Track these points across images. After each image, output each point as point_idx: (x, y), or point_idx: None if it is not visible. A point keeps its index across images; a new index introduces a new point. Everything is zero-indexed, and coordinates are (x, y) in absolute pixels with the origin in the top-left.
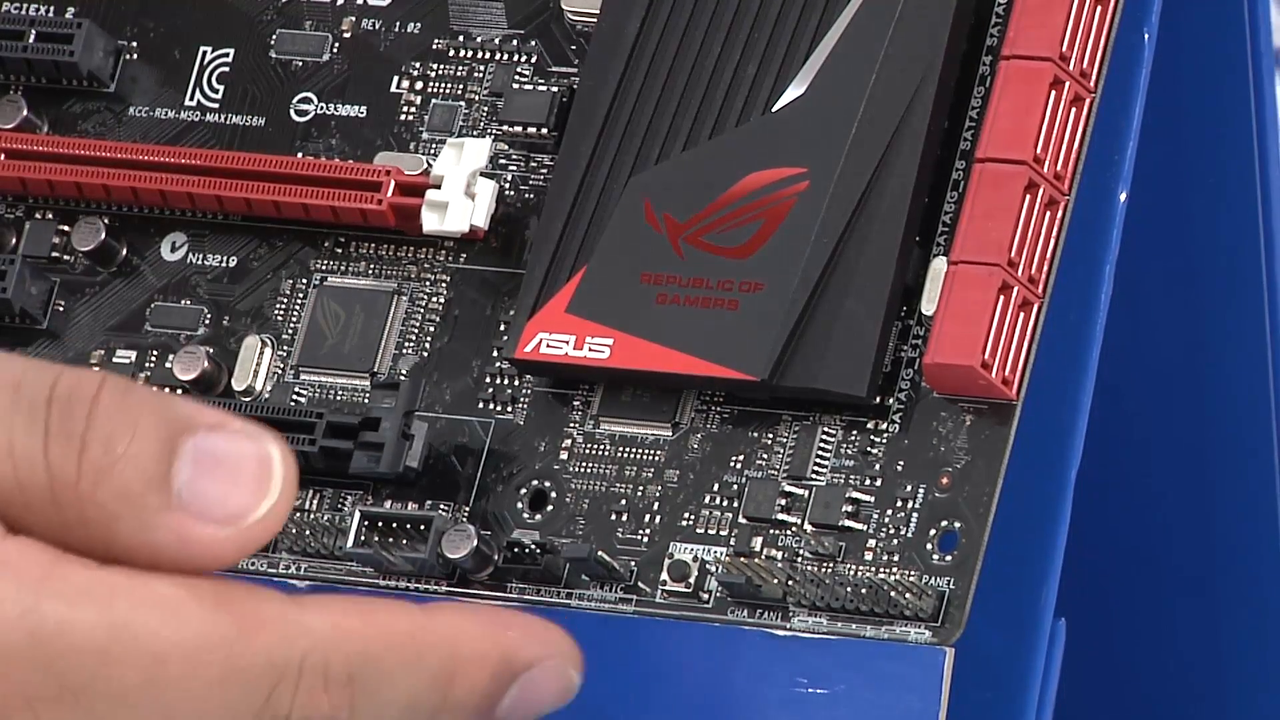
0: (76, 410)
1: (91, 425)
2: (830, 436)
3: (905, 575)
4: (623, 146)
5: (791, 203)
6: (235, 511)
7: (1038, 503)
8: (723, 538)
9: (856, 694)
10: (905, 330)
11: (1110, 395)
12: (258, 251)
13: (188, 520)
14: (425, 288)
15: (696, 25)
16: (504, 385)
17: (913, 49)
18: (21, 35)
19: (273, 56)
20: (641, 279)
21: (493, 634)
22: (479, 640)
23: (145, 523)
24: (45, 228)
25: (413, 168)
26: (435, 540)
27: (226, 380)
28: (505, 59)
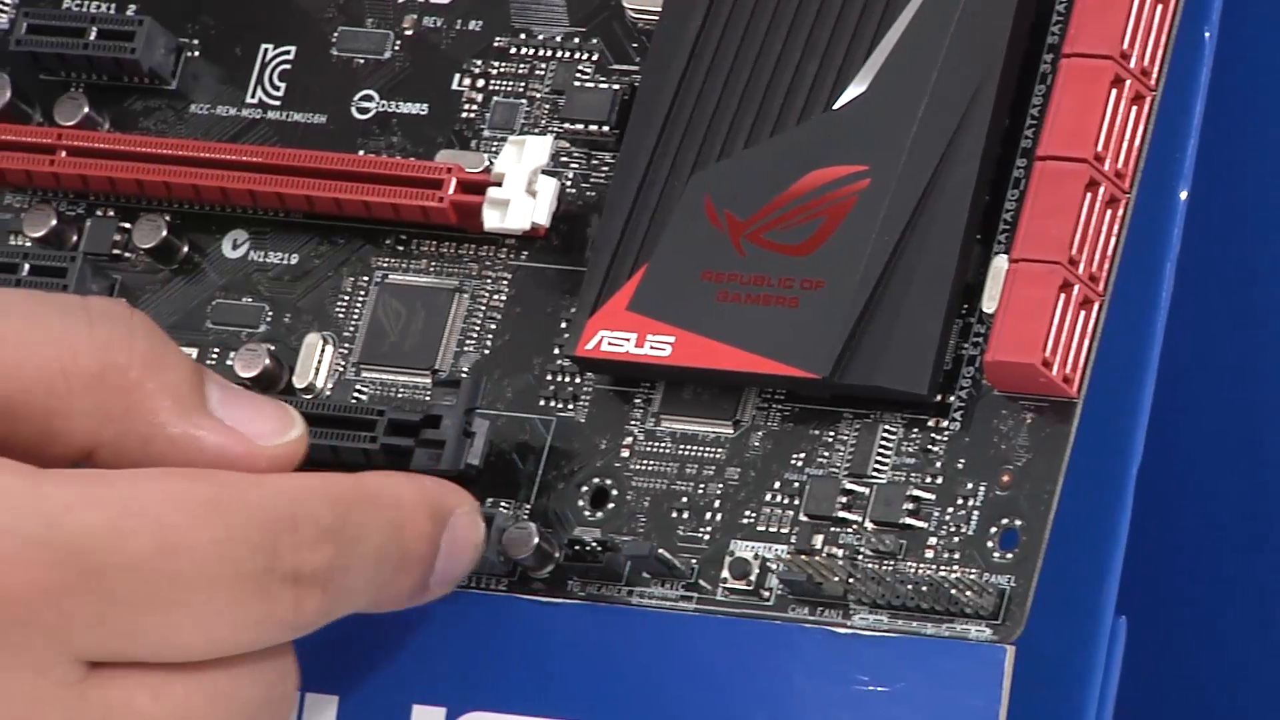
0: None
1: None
2: (891, 434)
3: (966, 573)
4: (684, 144)
5: (853, 200)
6: (264, 431)
7: (1098, 500)
8: (784, 535)
9: (917, 692)
10: (966, 328)
11: (1171, 393)
12: (319, 249)
13: (225, 427)
14: (486, 285)
15: (758, 22)
16: (565, 383)
17: (974, 47)
18: (83, 33)
19: (334, 54)
20: (702, 277)
21: (419, 485)
22: (413, 491)
23: (191, 420)
24: (106, 225)
25: (474, 165)
26: (497, 538)
27: (287, 378)
28: (567, 57)
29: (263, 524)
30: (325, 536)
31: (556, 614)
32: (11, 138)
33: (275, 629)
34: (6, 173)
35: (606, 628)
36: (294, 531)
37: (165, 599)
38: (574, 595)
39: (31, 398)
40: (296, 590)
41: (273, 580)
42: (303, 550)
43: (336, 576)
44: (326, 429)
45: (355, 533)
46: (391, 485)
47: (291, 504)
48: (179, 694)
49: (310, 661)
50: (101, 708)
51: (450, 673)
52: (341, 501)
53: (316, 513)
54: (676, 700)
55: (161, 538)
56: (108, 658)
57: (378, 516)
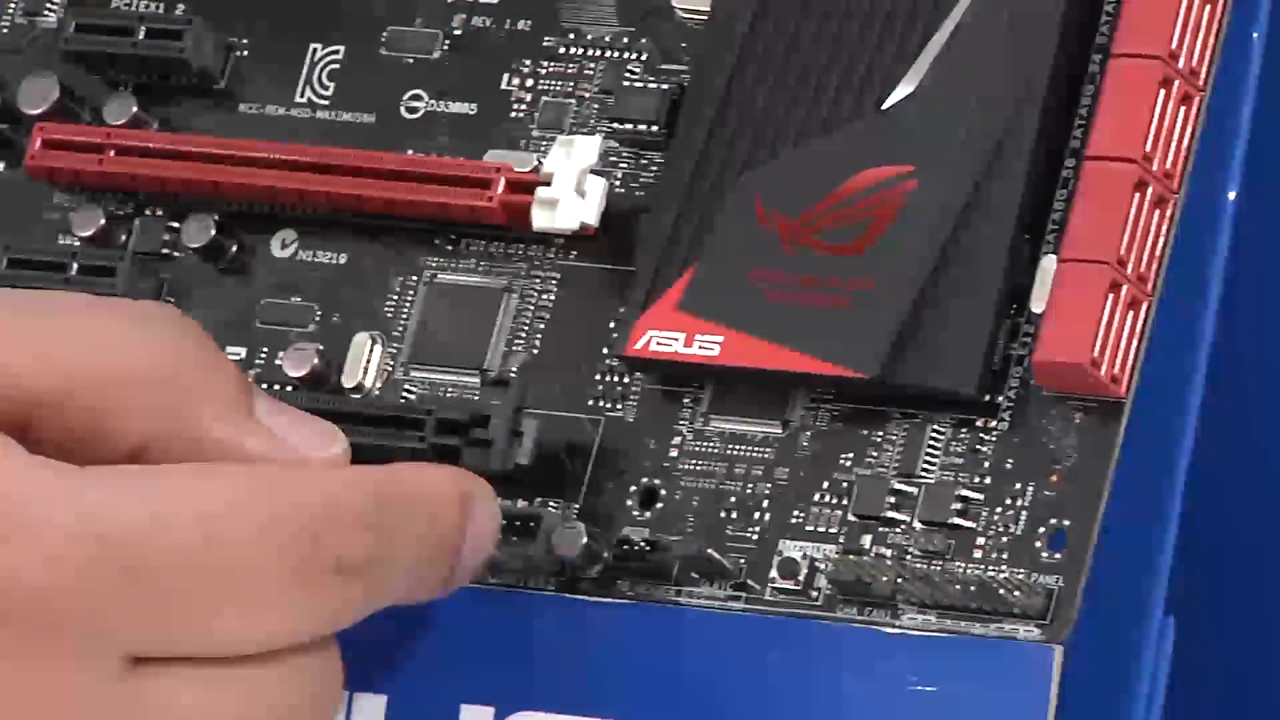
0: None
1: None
2: (940, 434)
3: (1014, 573)
4: (733, 144)
5: (901, 200)
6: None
7: (1147, 500)
8: (832, 535)
9: (965, 692)
10: (1015, 328)
11: (1219, 393)
12: (368, 248)
13: (272, 435)
14: (535, 285)
15: (807, 22)
16: (614, 382)
17: (1023, 47)
18: (132, 32)
19: (383, 53)
20: (751, 276)
21: (448, 473)
22: (443, 480)
23: (239, 426)
24: (155, 224)
25: (523, 165)
26: (545, 538)
27: (336, 377)
28: (616, 56)
29: (304, 514)
30: (365, 526)
31: (605, 614)
32: (60, 137)
33: (320, 620)
34: (55, 172)
35: (655, 627)
36: (335, 521)
37: (208, 590)
38: (622, 595)
39: (81, 396)
40: (340, 580)
41: (315, 570)
42: (344, 539)
43: (378, 566)
44: (375, 428)
45: (394, 522)
46: (423, 475)
47: (331, 494)
48: (222, 690)
49: (359, 661)
50: (144, 704)
51: (498, 672)
52: (379, 492)
53: (356, 503)
54: (724, 700)
55: (203, 529)
56: (151, 652)
57: (414, 506)
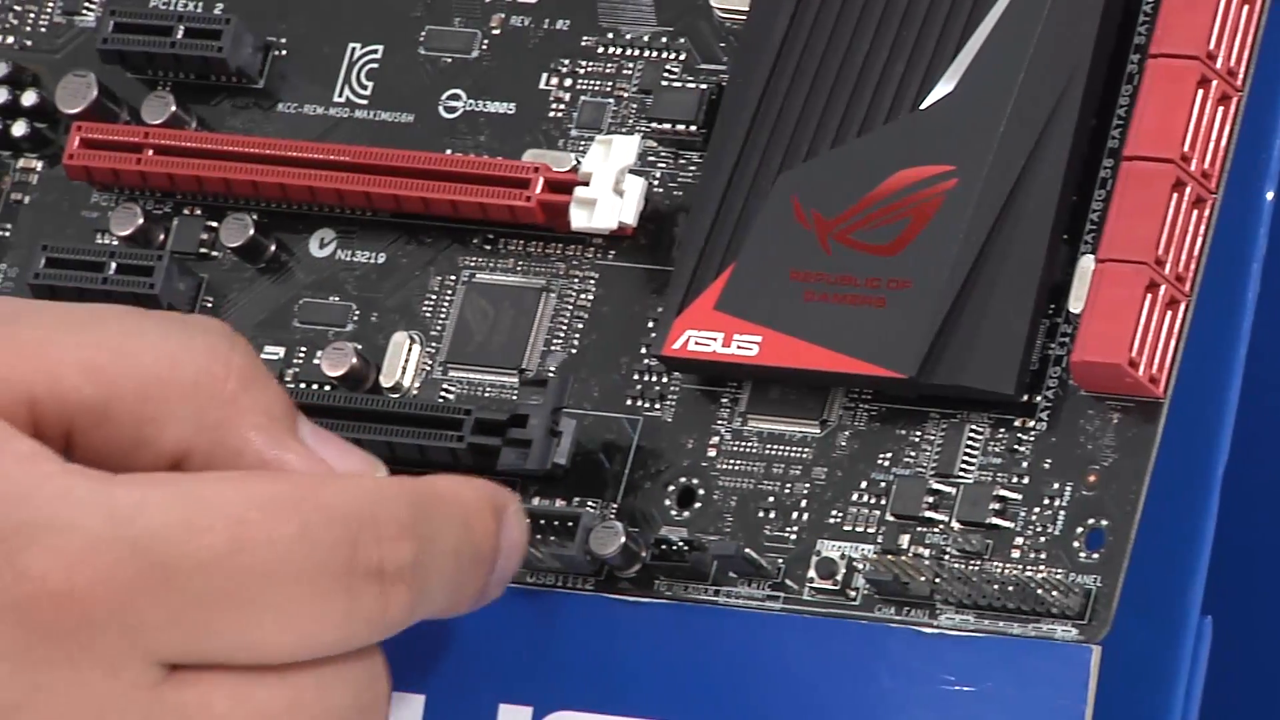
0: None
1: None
2: (978, 434)
3: (1052, 573)
4: (771, 144)
5: (940, 200)
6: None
7: (1185, 500)
8: (870, 535)
9: (1003, 692)
10: (1053, 328)
11: (1257, 393)
12: (406, 248)
13: (314, 454)
14: (574, 284)
15: (845, 22)
16: (652, 382)
17: (1061, 47)
18: (170, 31)
19: (422, 53)
20: (790, 276)
21: (475, 484)
22: (475, 491)
23: (281, 441)
24: (193, 224)
25: (561, 164)
26: (583, 537)
27: (374, 377)
28: (654, 56)
29: (342, 520)
30: (406, 533)
31: (643, 613)
32: (98, 136)
33: (361, 627)
34: (93, 171)
35: (693, 627)
36: (375, 527)
37: (241, 596)
38: (660, 595)
39: (128, 404)
40: (381, 587)
41: (355, 576)
42: (385, 546)
43: (419, 573)
44: (413, 428)
45: (433, 530)
46: (456, 485)
47: (370, 502)
48: (260, 698)
49: (397, 661)
50: (177, 711)
51: (536, 672)
52: (417, 500)
53: (396, 510)
54: (762, 700)
55: (236, 533)
56: (185, 659)
57: (450, 515)
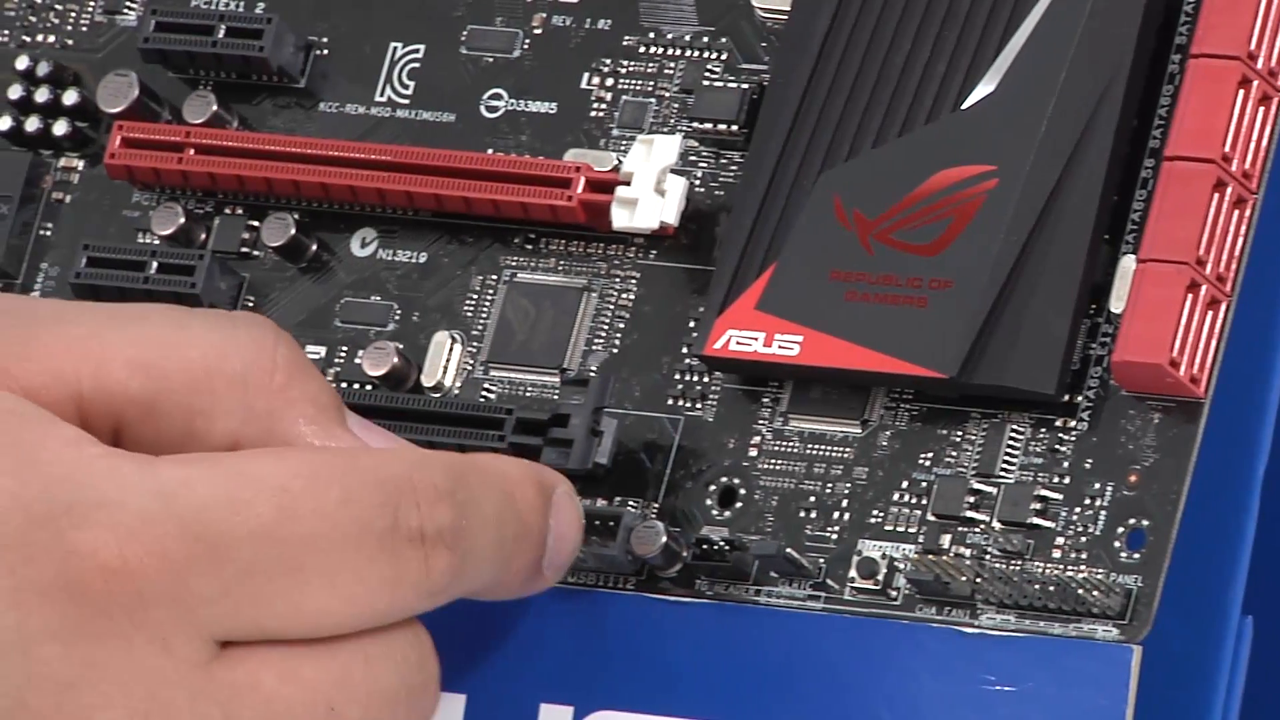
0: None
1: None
2: (1019, 434)
3: (1093, 573)
4: (812, 143)
5: (981, 200)
6: None
7: (1225, 500)
8: (911, 535)
9: (1044, 691)
10: (1094, 328)
11: None
12: (447, 248)
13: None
14: (615, 284)
15: (886, 22)
16: (693, 382)
17: (1102, 47)
18: (211, 30)
19: (463, 52)
20: (831, 276)
21: (519, 461)
22: (515, 464)
23: (329, 431)
24: (235, 223)
25: (603, 164)
26: (624, 537)
27: (416, 376)
28: (696, 56)
29: (382, 485)
30: (443, 497)
31: (684, 613)
32: (140, 135)
33: (409, 591)
34: (135, 170)
35: (734, 627)
36: (413, 492)
37: (291, 564)
38: (701, 594)
39: (176, 396)
40: (424, 549)
41: (399, 540)
42: (424, 509)
43: (462, 536)
44: (455, 427)
45: (471, 495)
46: (497, 460)
47: (408, 467)
48: (309, 675)
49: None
50: (227, 689)
51: (577, 672)
52: (455, 468)
53: (432, 476)
54: (803, 699)
55: (281, 503)
56: (238, 634)
57: (490, 483)
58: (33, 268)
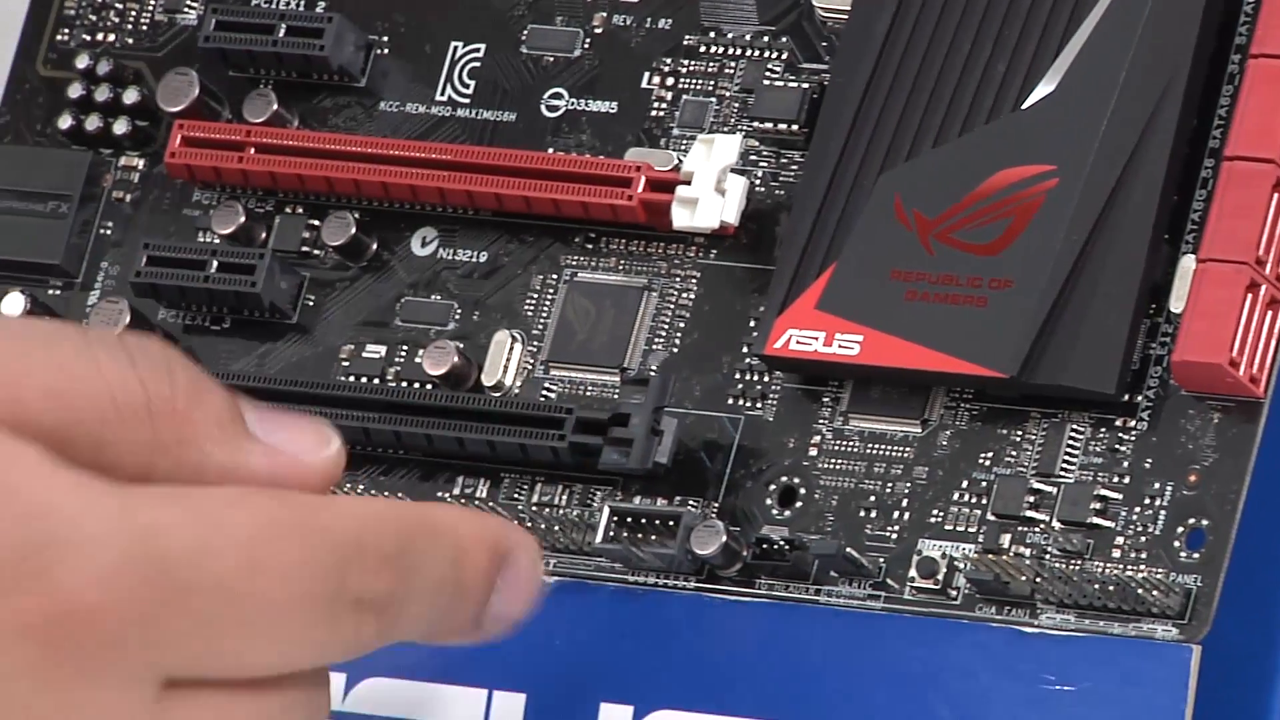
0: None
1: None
2: (1079, 434)
3: (1152, 572)
4: (873, 143)
5: (1041, 200)
6: (306, 448)
7: None
8: (971, 535)
9: (1103, 691)
10: (1153, 328)
11: None
12: (508, 247)
13: (272, 449)
14: (675, 283)
15: (947, 22)
16: (753, 381)
17: (1162, 47)
18: (272, 29)
19: (524, 52)
20: (891, 275)
21: (482, 521)
22: (473, 525)
23: (238, 446)
24: (295, 222)
25: (663, 163)
26: (684, 536)
27: (476, 375)
28: (756, 55)
29: (334, 547)
30: (387, 564)
31: (744, 612)
32: (200, 134)
33: (335, 650)
34: (195, 169)
35: (794, 626)
36: (360, 557)
37: (246, 618)
38: (761, 594)
39: (84, 427)
40: (357, 615)
41: (339, 604)
42: (367, 576)
43: (394, 604)
44: (515, 427)
45: (415, 562)
46: (453, 518)
47: (359, 529)
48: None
49: (498, 660)
50: None
51: (637, 671)
52: (405, 529)
53: (381, 540)
54: (863, 698)
55: (246, 556)
56: (184, 675)
57: (438, 547)
58: (93, 267)
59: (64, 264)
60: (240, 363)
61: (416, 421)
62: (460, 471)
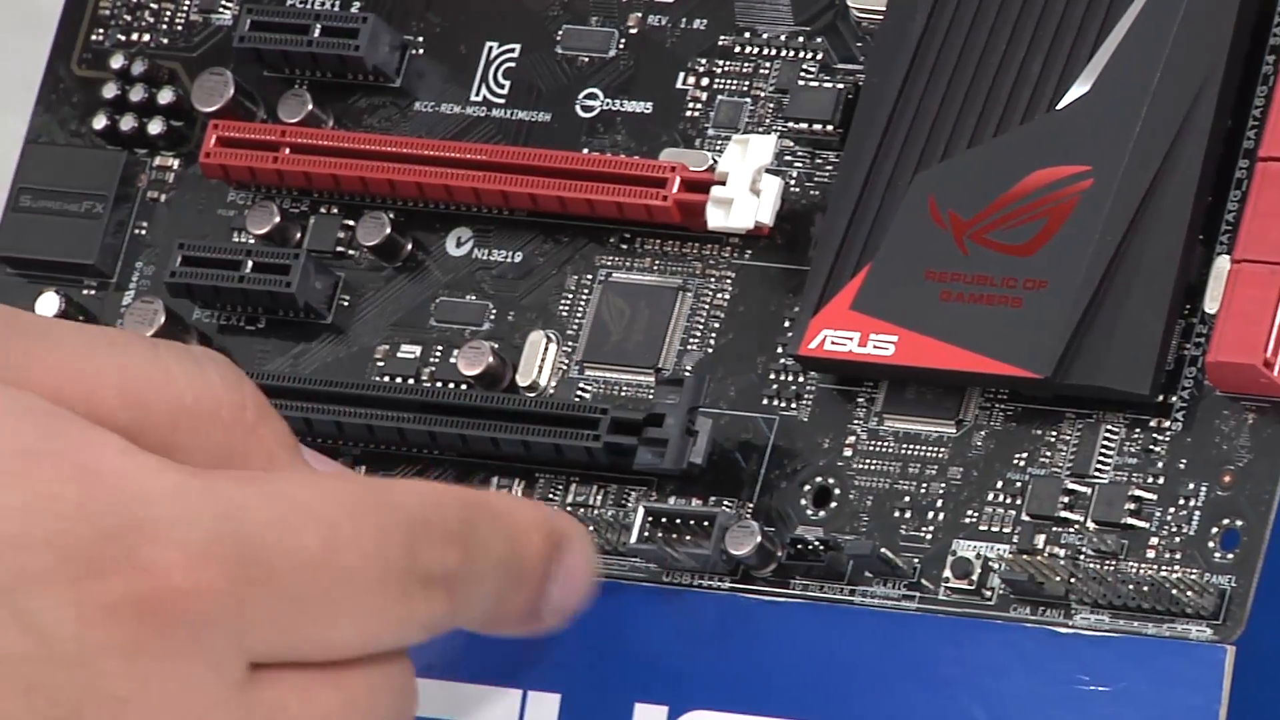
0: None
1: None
2: (1113, 434)
3: (1187, 573)
4: (907, 144)
5: (1075, 201)
6: None
7: None
8: (1006, 535)
9: (1137, 691)
10: (1188, 328)
11: None
12: (543, 247)
13: None
14: (710, 284)
15: (981, 23)
16: (788, 382)
17: (1197, 47)
18: (307, 30)
19: (559, 52)
20: (926, 276)
21: (535, 506)
22: (528, 510)
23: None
24: (330, 222)
25: (698, 164)
26: (719, 536)
27: (511, 376)
28: (791, 56)
29: (406, 523)
30: (454, 539)
31: (778, 613)
32: (235, 135)
33: (412, 630)
34: (230, 169)
35: (828, 626)
36: (429, 533)
37: (329, 596)
38: (796, 594)
39: (158, 430)
40: (429, 592)
41: (413, 580)
42: (436, 551)
43: (461, 580)
44: (549, 427)
45: (479, 538)
46: (509, 503)
47: (425, 506)
48: (323, 699)
49: (533, 659)
50: (260, 710)
51: (672, 671)
52: (466, 509)
53: (446, 516)
54: (898, 699)
55: (327, 535)
56: (269, 657)
57: (498, 527)
58: (128, 267)
59: (99, 264)
60: (275, 363)
61: (451, 422)
62: (495, 471)
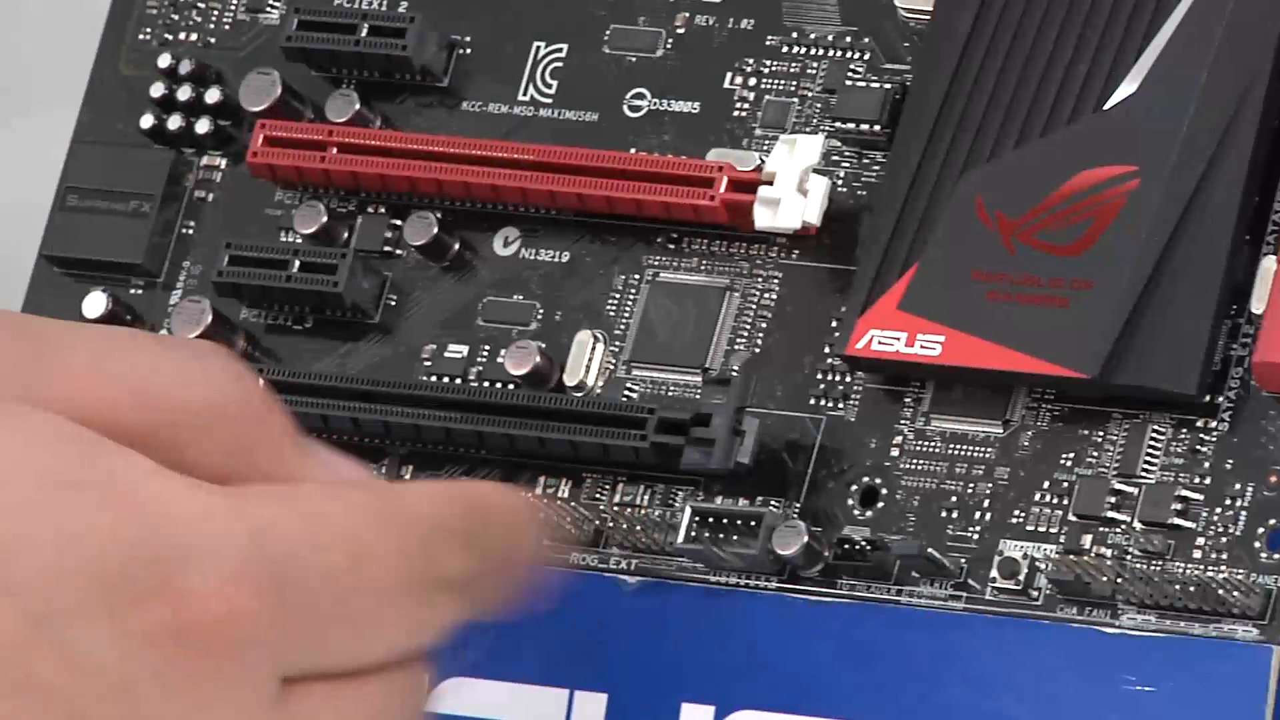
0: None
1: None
2: (1160, 434)
3: (1233, 573)
4: (955, 144)
5: (1122, 201)
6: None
7: None
8: (1053, 535)
9: (1184, 692)
10: (1234, 329)
11: None
12: (590, 247)
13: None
14: (757, 284)
15: (1029, 23)
16: (835, 381)
17: (1244, 47)
18: (354, 29)
19: (606, 52)
20: (973, 276)
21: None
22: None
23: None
24: (377, 222)
25: (745, 164)
26: (766, 536)
27: (558, 376)
28: (838, 56)
29: (421, 531)
30: (465, 543)
31: (825, 613)
32: (282, 134)
33: (428, 634)
34: (277, 169)
35: (875, 627)
36: (440, 539)
37: (356, 608)
38: (843, 594)
39: (167, 429)
40: (444, 596)
41: (429, 587)
42: (448, 556)
43: (473, 582)
44: (597, 427)
45: (486, 538)
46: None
47: (435, 511)
48: (348, 708)
49: (579, 659)
50: None
51: (719, 671)
52: (465, 507)
53: (452, 519)
54: (944, 699)
55: (351, 549)
56: (299, 671)
57: (499, 524)
58: (175, 266)
59: (146, 263)
60: (322, 362)
61: (498, 421)
62: (542, 471)
